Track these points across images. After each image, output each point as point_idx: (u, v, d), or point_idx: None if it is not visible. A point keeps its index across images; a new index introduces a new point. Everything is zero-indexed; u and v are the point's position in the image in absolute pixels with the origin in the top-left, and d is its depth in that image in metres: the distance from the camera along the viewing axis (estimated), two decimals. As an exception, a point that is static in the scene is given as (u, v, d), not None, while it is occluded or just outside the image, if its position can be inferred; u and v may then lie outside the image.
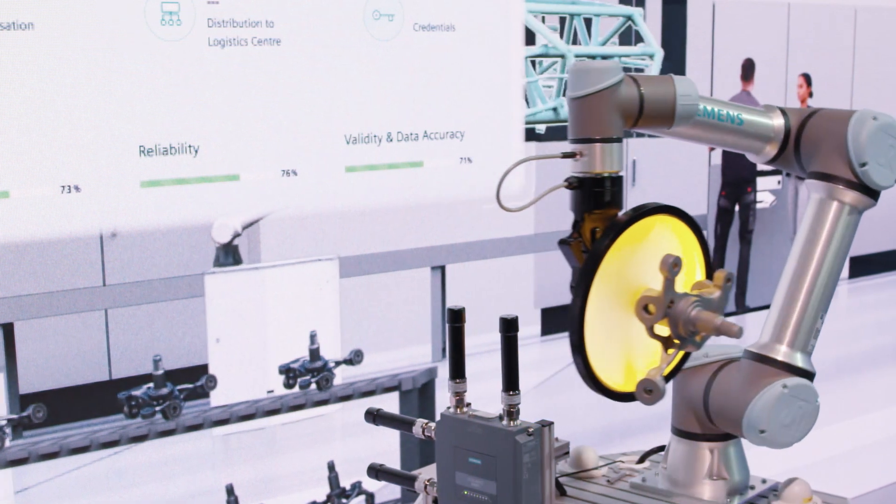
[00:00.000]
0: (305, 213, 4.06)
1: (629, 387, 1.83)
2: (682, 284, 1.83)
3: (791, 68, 6.20)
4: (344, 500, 4.32)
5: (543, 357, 5.00)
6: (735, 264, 5.85)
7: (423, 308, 4.53)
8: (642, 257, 1.81)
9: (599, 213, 1.84)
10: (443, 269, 4.53)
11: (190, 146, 3.57)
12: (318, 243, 4.16)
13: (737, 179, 5.77)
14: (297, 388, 4.21)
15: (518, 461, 1.72)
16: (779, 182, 6.09)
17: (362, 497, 4.37)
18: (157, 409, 3.93)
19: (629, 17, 5.44)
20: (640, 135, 2.16)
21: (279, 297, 4.14)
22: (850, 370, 6.30)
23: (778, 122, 2.04)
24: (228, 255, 3.97)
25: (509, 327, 1.80)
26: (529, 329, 5.36)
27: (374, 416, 2.02)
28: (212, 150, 3.66)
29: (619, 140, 1.84)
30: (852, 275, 7.75)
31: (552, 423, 1.81)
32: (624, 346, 1.85)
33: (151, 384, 3.92)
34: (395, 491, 4.46)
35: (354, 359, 4.33)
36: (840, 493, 2.00)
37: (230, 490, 4.12)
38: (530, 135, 4.58)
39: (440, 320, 4.48)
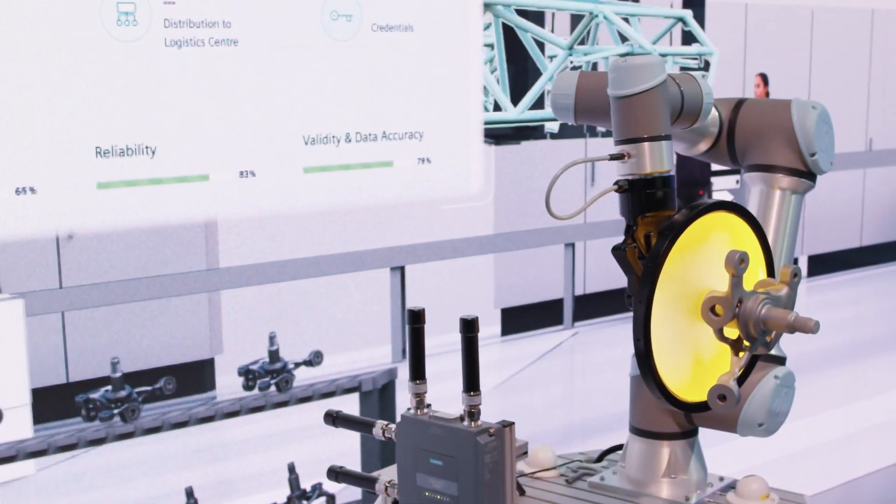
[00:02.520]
0: (264, 214, 4.05)
1: (696, 395, 1.77)
2: (745, 283, 1.75)
3: (748, 68, 6.23)
4: (304, 502, 4.31)
5: (503, 357, 5.01)
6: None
7: (382, 309, 4.53)
8: (701, 258, 1.72)
9: (653, 215, 1.77)
10: (402, 269, 4.53)
11: (147, 147, 3.55)
12: (276, 244, 4.15)
13: (689, 180, 5.78)
14: (256, 390, 4.20)
15: (479, 462, 1.71)
16: (737, 182, 6.12)
17: (323, 498, 4.36)
18: (116, 411, 3.90)
19: (681, 19, 5.51)
20: (603, 134, 2.15)
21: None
22: (809, 369, 6.35)
23: (713, 114, 2.00)
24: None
25: (469, 328, 1.77)
26: (489, 329, 5.38)
27: (334, 419, 2.01)
28: (169, 151, 3.64)
29: (668, 138, 1.77)
30: (810, 273, 7.81)
31: (513, 423, 1.79)
32: (688, 353, 1.79)
33: (109, 387, 3.90)
34: (356, 492, 4.45)
35: (314, 360, 4.33)
36: (798, 491, 2.00)
37: (189, 492, 4.10)
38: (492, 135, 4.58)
39: (400, 321, 4.48)
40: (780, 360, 1.93)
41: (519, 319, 5.30)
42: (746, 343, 1.72)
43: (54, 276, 3.74)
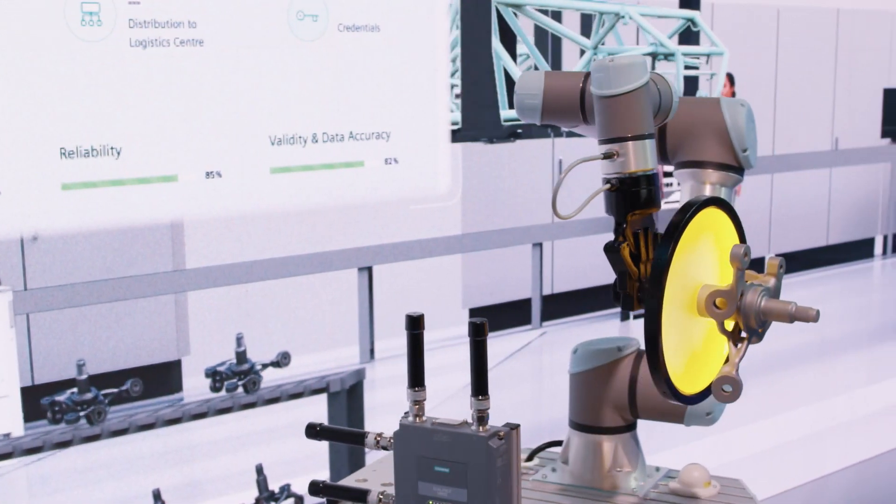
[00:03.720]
0: (231, 215, 4.04)
1: (689, 387, 1.79)
2: (723, 277, 1.79)
3: (714, 68, 6.24)
4: (273, 503, 4.30)
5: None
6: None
7: (350, 310, 4.52)
8: (692, 253, 1.76)
9: (640, 213, 1.79)
10: (370, 270, 4.52)
11: (112, 148, 3.53)
12: (243, 245, 4.14)
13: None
14: (223, 392, 4.18)
15: (492, 466, 1.69)
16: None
17: (291, 500, 4.35)
18: (82, 413, 3.88)
19: (691, 20, 5.58)
20: (570, 134, 2.13)
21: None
22: (776, 367, 6.37)
23: None
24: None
25: (478, 332, 1.76)
26: (457, 329, 5.35)
27: (317, 432, 1.95)
28: (134, 151, 3.62)
29: (653, 137, 1.78)
30: (776, 272, 7.81)
31: (518, 425, 1.80)
32: (681, 346, 1.80)
33: (75, 389, 3.87)
34: (323, 493, 4.43)
35: (282, 361, 4.31)
36: (758, 492, 2.01)
37: (157, 495, 4.08)
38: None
39: (367, 322, 4.47)
40: None
41: (487, 319, 5.28)
42: (744, 334, 1.75)
43: (19, 278, 3.72)
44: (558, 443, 2.19)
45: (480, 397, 1.73)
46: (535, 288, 5.86)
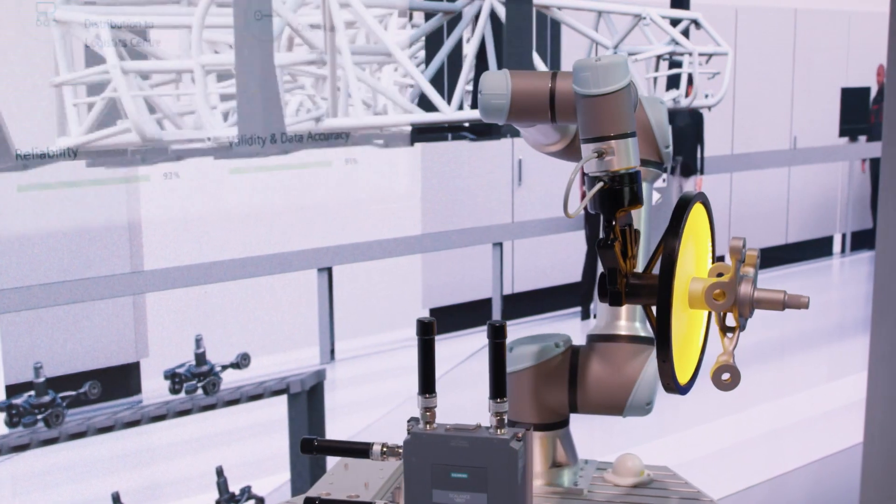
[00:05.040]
0: (189, 216, 4.01)
1: (682, 378, 1.84)
2: (698, 269, 1.87)
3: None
4: (233, 506, 4.29)
5: (432, 357, 4.99)
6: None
7: (310, 310, 4.50)
8: (684, 248, 1.81)
9: (625, 209, 1.81)
10: (329, 270, 4.50)
11: (69, 149, 3.52)
12: (202, 246, 4.12)
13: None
14: (183, 394, 4.16)
15: (513, 468, 1.70)
16: (664, 180, 6.14)
17: (252, 502, 4.34)
18: (39, 417, 3.86)
19: (694, 21, 5.67)
20: (515, 133, 2.14)
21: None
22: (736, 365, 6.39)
23: None
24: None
25: (497, 334, 1.76)
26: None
27: (314, 447, 1.90)
28: (91, 153, 3.60)
29: (635, 135, 1.80)
30: (736, 270, 7.84)
31: (531, 425, 1.81)
32: (674, 339, 1.83)
33: (32, 392, 3.85)
34: (285, 493, 4.43)
35: (241, 362, 4.30)
36: (719, 490, 2.03)
37: (116, 498, 4.06)
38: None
39: (328, 322, 4.45)
40: (652, 341, 2.02)
41: (448, 319, 5.30)
42: (735, 325, 1.83)
43: (-26, 281, 3.69)
44: None
45: (499, 399, 1.74)
46: (495, 287, 5.85)
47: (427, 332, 1.76)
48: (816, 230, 8.51)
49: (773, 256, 8.39)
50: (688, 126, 6.29)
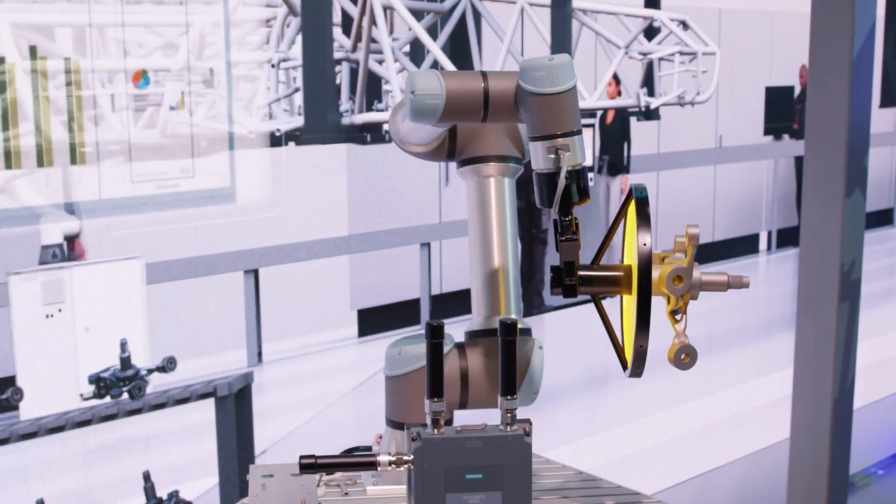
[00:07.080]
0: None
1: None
2: (627, 257, 1.95)
3: (600, 69, 6.29)
4: (161, 511, 4.26)
5: (361, 358, 4.98)
6: (528, 265, 5.93)
7: (237, 313, 4.47)
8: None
9: (576, 204, 1.87)
10: (256, 272, 4.48)
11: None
12: (126, 248, 4.08)
13: (528, 178, 5.81)
14: (108, 398, 4.12)
15: (527, 463, 1.74)
16: (591, 179, 6.16)
17: (180, 507, 4.31)
18: (-40, 425, 3.81)
19: (682, 22, 5.84)
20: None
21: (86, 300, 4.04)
22: (665, 363, 6.42)
23: None
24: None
25: (509, 332, 1.79)
26: (347, 331, 5.34)
27: (315, 465, 1.83)
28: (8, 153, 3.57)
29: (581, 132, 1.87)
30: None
31: (529, 419, 1.85)
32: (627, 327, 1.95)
33: (-47, 399, 3.81)
34: (213, 498, 4.40)
35: (167, 366, 4.26)
36: (649, 487, 2.04)
37: (40, 505, 4.02)
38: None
39: (255, 324, 4.43)
40: (528, 332, 2.11)
41: (376, 320, 5.28)
42: (681, 308, 1.90)
43: None
44: (356, 449, 2.23)
45: (509, 397, 1.77)
46: (423, 288, 5.84)
47: (436, 336, 1.79)
48: (742, 228, 8.58)
49: (700, 254, 8.43)
50: (614, 125, 6.32)
